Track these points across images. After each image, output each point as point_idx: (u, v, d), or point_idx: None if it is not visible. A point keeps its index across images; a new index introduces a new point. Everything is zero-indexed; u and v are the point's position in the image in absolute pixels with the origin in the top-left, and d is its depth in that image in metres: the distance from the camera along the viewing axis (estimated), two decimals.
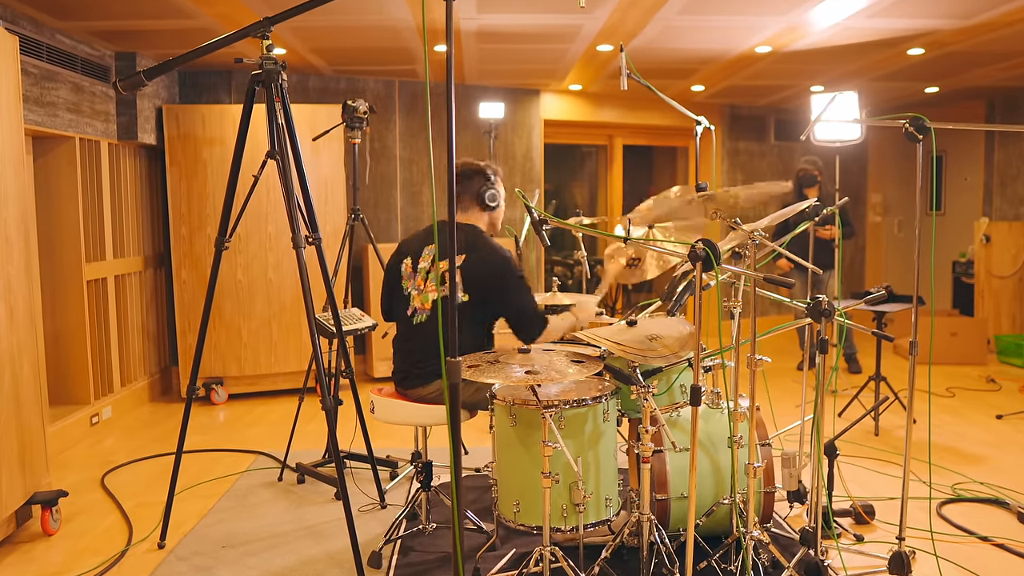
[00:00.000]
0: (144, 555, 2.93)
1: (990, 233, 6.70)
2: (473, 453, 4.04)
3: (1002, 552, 2.87)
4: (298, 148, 2.79)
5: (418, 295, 2.95)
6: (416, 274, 2.98)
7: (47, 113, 4.10)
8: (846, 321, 2.60)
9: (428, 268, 2.95)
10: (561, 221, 2.77)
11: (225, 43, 2.64)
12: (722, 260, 2.22)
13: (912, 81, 6.24)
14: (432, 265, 2.94)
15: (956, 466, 3.83)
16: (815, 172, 5.70)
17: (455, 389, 1.78)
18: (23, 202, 3.09)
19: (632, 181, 7.79)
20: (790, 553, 2.67)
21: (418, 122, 6.22)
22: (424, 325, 2.92)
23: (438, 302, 2.86)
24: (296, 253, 2.71)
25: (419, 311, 2.94)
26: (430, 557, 2.86)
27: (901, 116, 2.41)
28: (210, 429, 4.65)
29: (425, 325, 2.92)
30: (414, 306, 2.95)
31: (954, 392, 5.35)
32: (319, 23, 4.35)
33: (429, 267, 2.95)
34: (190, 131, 5.15)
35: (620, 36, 4.71)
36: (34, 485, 3.07)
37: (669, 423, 2.79)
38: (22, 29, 3.91)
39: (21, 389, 3.00)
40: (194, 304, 5.22)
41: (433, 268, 2.93)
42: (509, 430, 2.50)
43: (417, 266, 2.99)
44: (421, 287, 2.95)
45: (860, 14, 4.20)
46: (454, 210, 1.80)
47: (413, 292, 2.97)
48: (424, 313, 2.92)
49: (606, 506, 2.51)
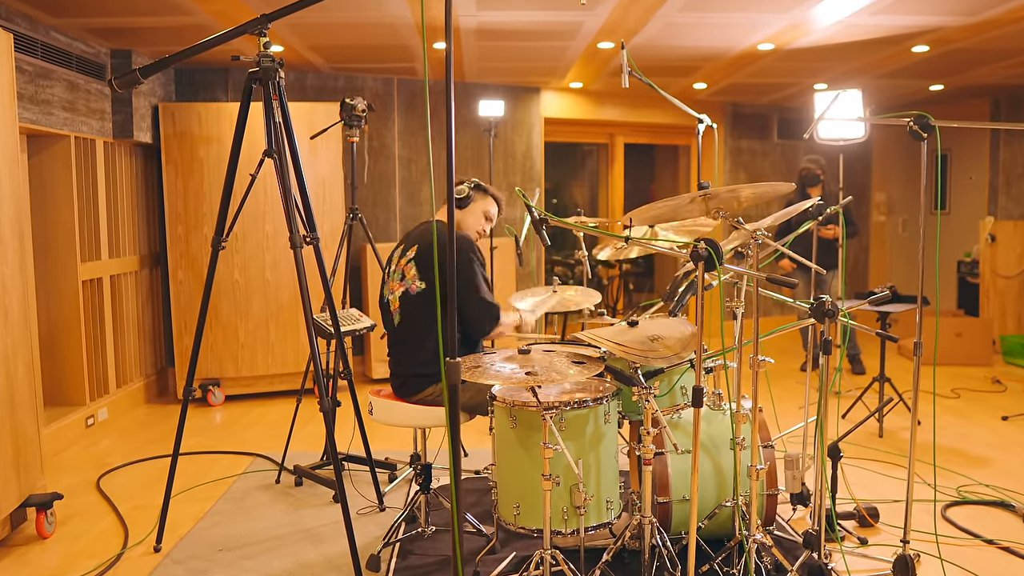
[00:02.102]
0: (140, 558, 2.92)
1: (995, 232, 6.67)
2: (473, 455, 4.02)
3: (1008, 555, 2.85)
4: (296, 147, 2.78)
5: (392, 298, 3.01)
6: (390, 278, 3.03)
7: (42, 111, 4.08)
8: (850, 322, 2.60)
9: (395, 269, 3.02)
10: (561, 220, 2.74)
11: (222, 40, 2.63)
12: (724, 260, 2.20)
13: (916, 79, 6.22)
14: (397, 264, 3.00)
15: (961, 468, 3.81)
16: (818, 171, 5.68)
17: (454, 390, 1.76)
18: (17, 201, 3.07)
19: (633, 180, 7.77)
20: (793, 556, 2.65)
21: (417, 120, 6.20)
22: (400, 326, 2.98)
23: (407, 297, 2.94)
24: (294, 253, 2.70)
25: (395, 312, 2.99)
26: (429, 560, 2.84)
27: (905, 114, 2.41)
28: (207, 431, 4.64)
29: (401, 325, 2.98)
30: (391, 310, 3.01)
31: (959, 393, 5.32)
32: (317, 20, 4.34)
33: (395, 268, 3.02)
34: (186, 129, 5.12)
35: (621, 33, 4.70)
36: (29, 488, 3.06)
37: (671, 425, 2.78)
38: (16, 26, 3.89)
39: (15, 390, 2.98)
40: (190, 304, 5.20)
41: (398, 267, 3.00)
42: (509, 432, 2.48)
43: (390, 270, 3.05)
44: (393, 290, 3.00)
45: (863, 11, 4.18)
46: (454, 210, 1.78)
47: (390, 297, 3.02)
48: (398, 314, 2.99)
49: (607, 509, 2.50)
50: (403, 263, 2.97)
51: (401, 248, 3.04)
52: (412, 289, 2.92)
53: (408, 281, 2.92)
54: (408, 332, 2.95)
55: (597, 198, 7.92)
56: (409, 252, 2.97)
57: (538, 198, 6.40)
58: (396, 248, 3.09)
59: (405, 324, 2.96)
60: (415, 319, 2.92)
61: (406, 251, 2.99)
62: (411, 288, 2.92)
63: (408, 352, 2.95)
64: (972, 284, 7.13)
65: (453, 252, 1.78)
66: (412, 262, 2.94)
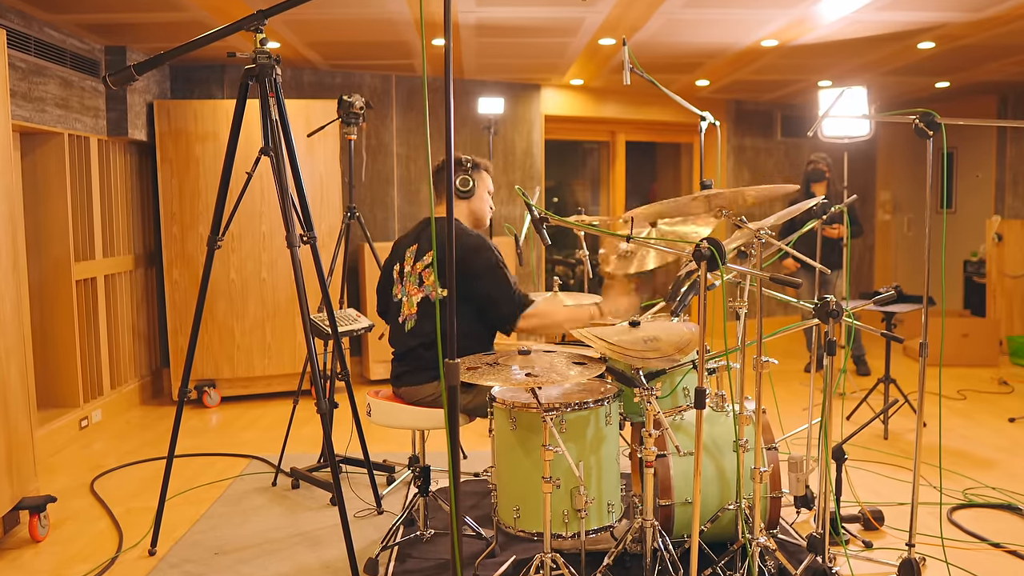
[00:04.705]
0: (134, 562, 2.90)
1: (1002, 231, 6.64)
2: (472, 457, 3.99)
3: (1014, 559, 2.83)
4: (292, 144, 2.76)
5: (406, 301, 2.95)
6: (403, 279, 2.97)
7: (35, 108, 4.06)
8: (854, 322, 2.60)
9: (410, 271, 2.95)
10: (562, 219, 2.71)
11: (218, 37, 2.61)
12: (727, 259, 2.17)
13: (922, 76, 6.20)
14: (412, 267, 2.94)
15: (967, 470, 3.78)
16: (824, 168, 5.64)
17: (454, 392, 1.74)
18: (10, 200, 3.05)
19: (635, 178, 7.73)
20: (797, 560, 2.64)
21: (415, 118, 6.17)
22: (415, 330, 2.90)
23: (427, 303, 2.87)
24: (291, 252, 2.69)
25: (408, 318, 2.93)
26: (428, 564, 2.82)
27: (911, 112, 2.40)
28: (202, 433, 4.61)
29: (415, 330, 2.90)
30: (404, 313, 2.95)
31: (965, 395, 5.29)
32: (314, 16, 4.32)
33: (410, 270, 2.95)
34: (182, 127, 5.09)
35: (623, 29, 4.68)
36: (22, 490, 3.03)
37: (673, 427, 2.77)
38: (9, 22, 3.87)
39: (8, 391, 2.96)
40: (186, 304, 5.16)
41: (413, 270, 2.93)
42: (509, 434, 2.47)
43: (404, 271, 2.98)
44: (409, 292, 2.94)
45: (869, 7, 4.16)
46: (452, 209, 1.73)
47: (403, 299, 2.96)
48: (412, 319, 2.92)
49: (608, 512, 2.49)
50: (419, 267, 2.90)
51: (414, 249, 2.96)
52: (432, 296, 2.85)
53: (428, 288, 2.86)
54: (421, 336, 2.88)
55: (598, 197, 7.88)
56: (426, 257, 2.90)
57: (538, 197, 6.36)
58: (406, 247, 3.00)
59: (419, 328, 2.89)
60: (432, 324, 2.86)
61: (421, 254, 2.92)
62: (431, 295, 2.86)
63: (425, 352, 2.88)
64: (978, 284, 7.10)
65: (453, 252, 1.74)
66: (431, 267, 2.87)
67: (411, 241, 3.00)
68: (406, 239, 3.05)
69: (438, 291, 2.79)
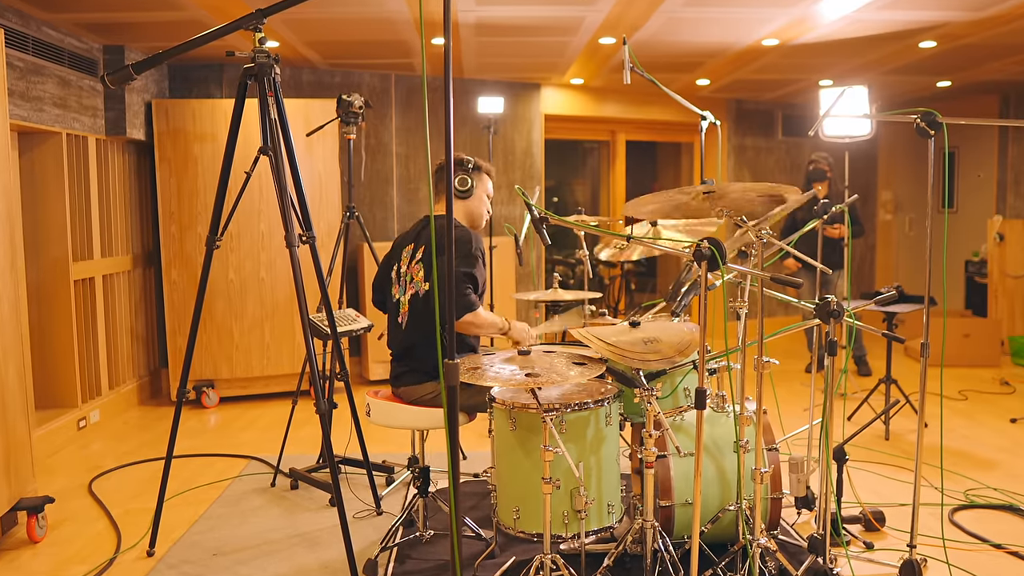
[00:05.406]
0: (133, 563, 2.89)
1: (1004, 231, 6.63)
2: (472, 458, 3.99)
3: (1016, 560, 2.83)
4: (291, 144, 2.76)
5: (403, 300, 2.96)
6: (400, 280, 2.98)
7: (33, 108, 4.05)
8: (855, 322, 2.58)
9: (406, 271, 2.97)
10: (562, 219, 2.70)
11: (216, 36, 2.61)
12: (728, 259, 2.16)
13: (924, 75, 6.19)
14: (408, 267, 2.96)
15: (969, 471, 3.77)
16: (825, 167, 5.63)
17: (453, 392, 1.74)
18: (8, 199, 3.05)
19: (635, 178, 7.72)
20: (798, 561, 2.63)
21: (415, 117, 6.16)
22: (410, 328, 2.92)
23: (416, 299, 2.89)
24: (289, 252, 2.68)
25: (405, 317, 2.94)
26: (427, 565, 2.82)
27: (912, 111, 2.39)
28: (201, 433, 4.60)
29: (411, 327, 2.91)
30: (402, 313, 2.95)
31: (967, 395, 5.29)
32: (313, 15, 4.31)
33: (406, 270, 2.97)
34: (180, 126, 5.08)
35: (623, 28, 4.67)
36: (19, 491, 3.03)
37: (673, 427, 2.76)
38: (7, 21, 3.86)
39: (6, 392, 2.95)
40: (184, 304, 5.15)
41: (409, 270, 2.95)
42: (509, 434, 2.46)
43: (400, 271, 2.99)
44: (407, 292, 2.95)
45: (870, 6, 4.15)
46: (452, 209, 1.73)
47: (402, 299, 2.97)
48: (407, 317, 2.93)
49: (608, 513, 2.48)
50: (413, 265, 2.93)
51: (410, 249, 2.98)
52: (420, 292, 2.87)
53: (416, 284, 2.87)
54: (415, 334, 2.90)
55: (598, 196, 7.87)
56: (417, 254, 2.93)
57: (538, 196, 6.35)
58: (405, 247, 3.02)
59: (411, 327, 2.91)
60: (421, 321, 2.88)
61: (415, 253, 2.95)
62: (419, 291, 2.88)
63: (421, 348, 2.90)
64: (980, 284, 7.09)
65: (452, 252, 1.73)
66: (420, 263, 2.91)
67: (408, 241, 3.02)
68: (404, 239, 3.06)
69: (421, 283, 2.80)
